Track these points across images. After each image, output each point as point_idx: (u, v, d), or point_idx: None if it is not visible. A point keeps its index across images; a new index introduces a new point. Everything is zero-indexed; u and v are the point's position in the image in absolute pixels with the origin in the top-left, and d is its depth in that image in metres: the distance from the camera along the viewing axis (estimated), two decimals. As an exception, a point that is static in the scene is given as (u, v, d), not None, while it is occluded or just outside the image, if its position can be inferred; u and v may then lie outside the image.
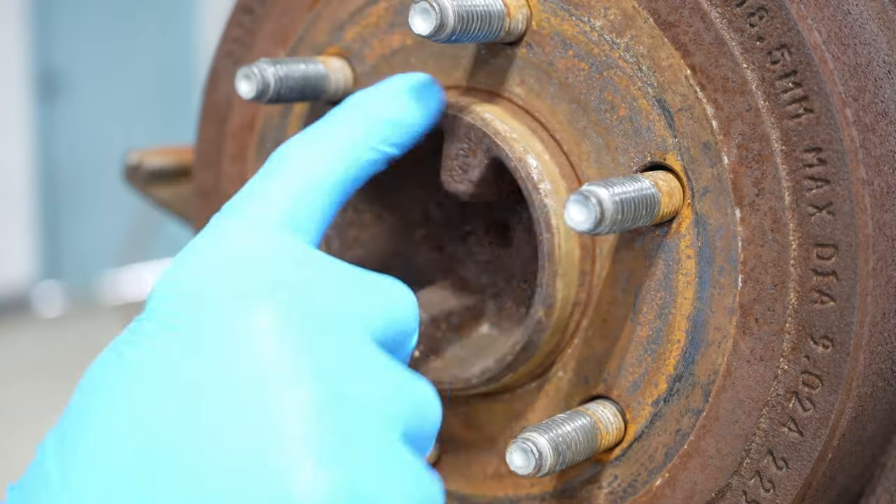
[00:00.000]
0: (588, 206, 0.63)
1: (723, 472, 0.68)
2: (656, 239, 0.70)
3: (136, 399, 0.59)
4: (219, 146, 0.85)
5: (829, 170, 0.65)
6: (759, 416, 0.67)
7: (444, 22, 0.67)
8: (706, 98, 0.67)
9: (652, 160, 0.69)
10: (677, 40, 0.68)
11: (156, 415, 0.59)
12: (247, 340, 0.59)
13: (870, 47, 0.69)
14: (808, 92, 0.65)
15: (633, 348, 0.71)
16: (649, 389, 0.70)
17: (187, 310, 0.61)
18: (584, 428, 0.69)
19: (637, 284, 0.70)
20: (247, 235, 0.64)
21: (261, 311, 0.60)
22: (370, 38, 0.78)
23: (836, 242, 0.65)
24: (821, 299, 0.65)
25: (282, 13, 0.81)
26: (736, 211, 0.67)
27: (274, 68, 0.74)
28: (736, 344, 0.68)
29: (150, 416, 0.59)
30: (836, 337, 0.65)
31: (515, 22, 0.71)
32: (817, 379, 0.66)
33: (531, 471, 0.67)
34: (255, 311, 0.60)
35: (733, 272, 0.67)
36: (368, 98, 0.71)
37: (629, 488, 0.71)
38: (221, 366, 0.59)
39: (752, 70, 0.66)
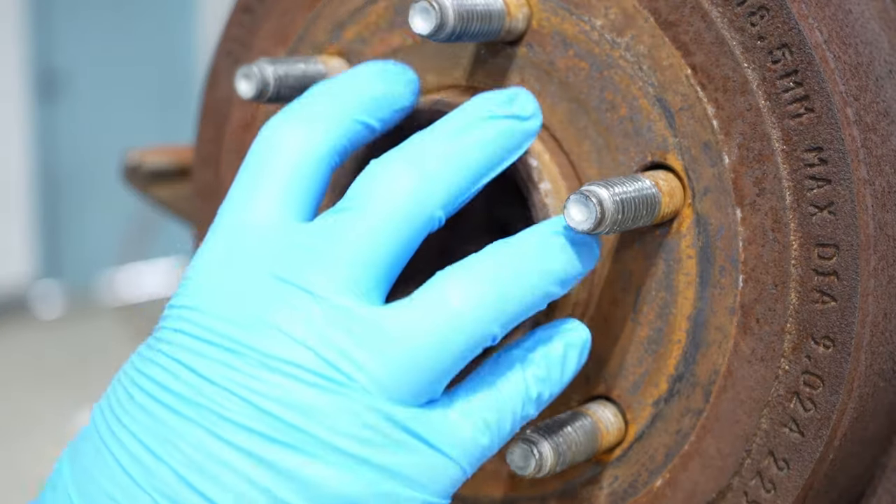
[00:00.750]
0: (588, 206, 0.63)
1: (723, 472, 0.68)
2: (657, 239, 0.69)
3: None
4: (219, 146, 0.85)
5: (830, 169, 0.65)
6: (759, 417, 0.67)
7: (444, 21, 0.67)
8: (707, 97, 0.67)
9: (652, 160, 0.69)
10: (678, 40, 0.68)
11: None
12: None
13: (871, 47, 0.69)
14: (809, 91, 0.65)
15: (634, 348, 0.71)
16: (650, 389, 0.70)
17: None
18: (584, 428, 0.69)
19: (637, 284, 0.70)
20: (253, 233, 0.67)
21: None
22: (370, 37, 0.77)
23: (838, 242, 0.65)
24: (822, 299, 0.65)
25: (282, 12, 0.81)
26: (737, 211, 0.67)
27: (273, 68, 0.74)
28: (737, 344, 0.67)
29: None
30: (837, 337, 0.65)
31: (516, 21, 0.71)
32: (818, 379, 0.66)
33: (531, 471, 0.67)
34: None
35: (734, 272, 0.67)
36: (349, 76, 0.72)
37: (629, 489, 0.71)
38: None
39: (752, 69, 0.66)
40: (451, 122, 0.68)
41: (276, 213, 0.68)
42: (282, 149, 0.69)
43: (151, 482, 0.63)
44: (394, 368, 0.63)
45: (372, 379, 0.63)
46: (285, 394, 0.62)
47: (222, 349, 0.64)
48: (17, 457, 3.90)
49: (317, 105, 0.71)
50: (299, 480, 0.62)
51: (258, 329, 0.64)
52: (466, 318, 0.64)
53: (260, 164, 0.69)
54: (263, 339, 0.63)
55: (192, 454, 0.62)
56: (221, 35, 0.84)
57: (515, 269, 0.65)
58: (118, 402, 0.65)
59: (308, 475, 0.62)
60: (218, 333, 0.64)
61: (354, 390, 0.62)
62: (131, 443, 0.64)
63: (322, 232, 0.66)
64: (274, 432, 0.62)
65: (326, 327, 0.63)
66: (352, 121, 0.70)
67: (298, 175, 0.69)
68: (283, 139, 0.69)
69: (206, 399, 0.63)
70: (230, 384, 0.63)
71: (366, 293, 0.65)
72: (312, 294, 0.64)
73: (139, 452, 0.63)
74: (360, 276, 0.65)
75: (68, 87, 6.43)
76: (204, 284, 0.66)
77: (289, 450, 0.62)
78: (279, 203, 0.68)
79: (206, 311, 0.65)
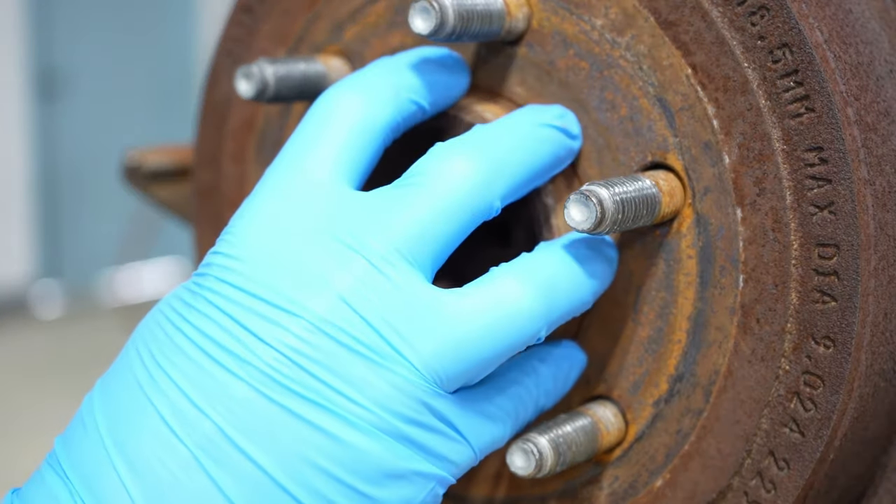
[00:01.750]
0: (588, 206, 0.63)
1: (724, 472, 0.68)
2: (657, 239, 0.69)
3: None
4: (218, 146, 0.85)
5: (830, 169, 0.65)
6: (760, 417, 0.67)
7: (444, 21, 0.67)
8: (707, 97, 0.67)
9: (653, 160, 0.69)
10: (678, 39, 0.68)
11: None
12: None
13: (871, 46, 0.68)
14: (810, 91, 0.65)
15: (634, 348, 0.70)
16: (650, 390, 0.70)
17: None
18: (584, 428, 0.69)
19: (638, 284, 0.70)
20: (306, 191, 0.67)
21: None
22: (370, 37, 0.77)
23: (838, 242, 0.65)
24: (822, 299, 0.65)
25: (282, 12, 0.81)
26: (737, 211, 0.67)
27: (273, 67, 0.74)
28: (737, 344, 0.67)
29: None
30: (837, 337, 0.65)
31: (516, 21, 0.71)
32: (819, 379, 0.66)
33: (531, 471, 0.67)
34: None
35: (734, 272, 0.67)
36: (412, 55, 0.72)
37: (630, 489, 0.71)
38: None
39: (753, 69, 0.66)
40: (516, 119, 0.69)
41: (331, 176, 0.67)
42: (340, 114, 0.69)
43: (193, 436, 0.62)
44: (443, 352, 0.64)
45: (420, 359, 0.63)
46: (336, 362, 0.63)
47: (274, 307, 0.64)
48: (16, 456, 3.90)
49: (378, 78, 0.71)
50: (342, 447, 0.62)
51: (313, 290, 0.64)
52: (521, 315, 0.65)
53: (318, 126, 0.69)
54: (318, 301, 0.63)
55: (239, 412, 0.62)
56: (221, 35, 0.84)
57: (569, 272, 0.67)
58: (158, 345, 0.65)
59: (350, 443, 0.63)
60: (270, 289, 0.64)
61: (402, 366, 0.63)
62: (173, 392, 0.63)
63: (384, 201, 0.66)
64: (321, 399, 0.62)
65: (384, 299, 0.63)
66: (409, 100, 0.71)
67: (355, 142, 0.69)
68: (343, 106, 0.69)
69: (256, 358, 0.63)
70: (281, 346, 0.63)
71: (421, 268, 0.65)
72: (371, 262, 0.64)
73: (181, 403, 0.63)
74: (419, 250, 0.65)
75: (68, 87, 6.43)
76: (253, 237, 0.66)
77: (334, 417, 0.62)
78: (335, 167, 0.68)
79: (256, 264, 0.65)
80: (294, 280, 0.64)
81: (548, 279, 0.66)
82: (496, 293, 0.65)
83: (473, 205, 0.66)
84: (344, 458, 0.63)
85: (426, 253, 0.65)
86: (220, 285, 0.65)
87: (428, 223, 0.65)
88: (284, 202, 0.67)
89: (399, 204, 0.66)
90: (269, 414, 0.62)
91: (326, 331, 0.63)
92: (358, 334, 0.63)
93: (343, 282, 0.64)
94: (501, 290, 0.65)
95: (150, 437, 0.63)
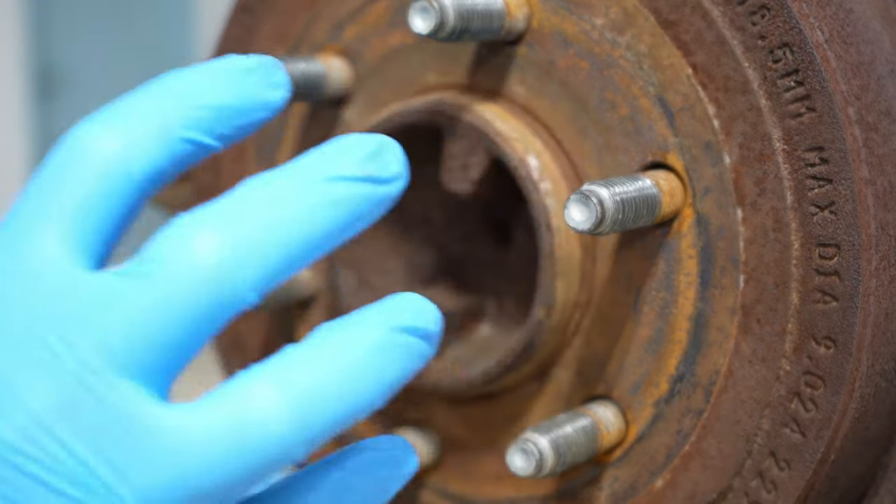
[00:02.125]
0: (588, 206, 0.63)
1: (724, 473, 0.68)
2: (657, 239, 0.69)
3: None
4: (218, 145, 0.85)
5: (831, 169, 0.64)
6: (760, 417, 0.67)
7: (444, 20, 0.67)
8: (707, 97, 0.67)
9: (653, 160, 0.69)
10: (678, 39, 0.68)
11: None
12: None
13: (872, 46, 0.68)
14: (811, 91, 0.65)
15: (634, 349, 0.70)
16: (650, 390, 0.70)
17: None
18: (584, 429, 0.69)
19: (638, 284, 0.70)
20: (27, 272, 0.53)
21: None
22: (370, 36, 0.77)
23: (839, 242, 0.64)
24: (823, 299, 0.65)
25: (281, 12, 0.81)
26: (738, 211, 0.67)
27: (273, 67, 0.74)
28: (738, 344, 0.67)
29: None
30: (838, 337, 0.65)
31: (516, 20, 0.71)
32: (819, 380, 0.65)
33: (531, 472, 0.67)
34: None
35: (735, 272, 0.67)
36: (188, 77, 0.57)
37: (630, 489, 0.71)
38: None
39: (753, 69, 0.66)
40: (286, 179, 0.54)
41: (60, 250, 0.53)
42: (85, 162, 0.54)
43: None
44: (165, 485, 0.50)
45: (136, 494, 0.50)
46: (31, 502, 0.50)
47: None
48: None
49: (141, 109, 0.56)
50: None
51: (3, 411, 0.51)
52: (267, 437, 0.51)
53: (55, 177, 0.55)
54: (6, 425, 0.50)
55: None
56: (221, 35, 0.84)
57: (348, 378, 0.52)
58: None
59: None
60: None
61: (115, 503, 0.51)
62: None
63: (106, 290, 0.52)
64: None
65: (90, 420, 0.50)
66: (181, 139, 0.55)
67: (98, 201, 0.54)
68: (90, 150, 0.55)
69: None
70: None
71: (144, 378, 0.51)
72: (76, 371, 0.51)
73: None
74: (141, 356, 0.51)
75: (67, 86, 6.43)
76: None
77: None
78: (68, 237, 0.54)
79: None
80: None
81: (309, 384, 0.51)
82: (236, 408, 0.51)
83: (212, 298, 0.52)
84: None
85: (150, 359, 0.52)
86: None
87: (152, 324, 0.51)
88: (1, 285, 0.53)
89: (121, 296, 0.52)
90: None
91: (16, 463, 0.51)
92: (57, 467, 0.51)
93: (41, 399, 0.50)
94: (242, 407, 0.51)
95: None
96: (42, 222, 0.54)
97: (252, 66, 0.57)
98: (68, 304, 0.52)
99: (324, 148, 0.55)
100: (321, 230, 0.54)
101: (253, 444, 0.51)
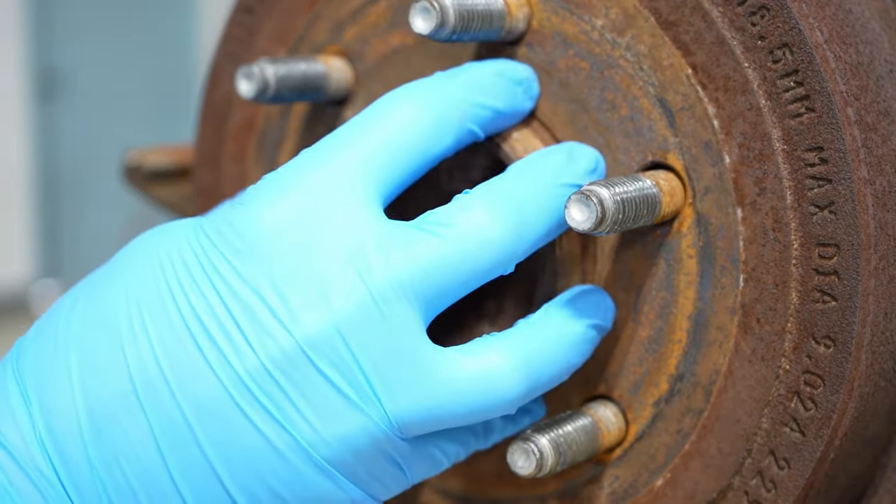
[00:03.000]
0: (589, 206, 0.63)
1: (724, 472, 0.68)
2: (657, 239, 0.69)
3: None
4: (219, 146, 0.85)
5: (830, 169, 0.65)
6: (760, 416, 0.67)
7: (445, 21, 0.67)
8: (707, 97, 0.67)
9: (653, 159, 0.69)
10: (678, 39, 0.68)
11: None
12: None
13: (871, 46, 0.68)
14: (810, 91, 0.65)
15: (635, 348, 0.70)
16: (650, 389, 0.70)
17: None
18: (585, 428, 0.69)
19: (638, 284, 0.70)
20: (333, 197, 0.65)
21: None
22: (370, 37, 0.77)
23: (838, 242, 0.65)
24: (822, 299, 0.65)
25: (282, 13, 0.81)
26: (737, 210, 0.67)
27: (274, 67, 0.74)
28: (737, 344, 0.67)
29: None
30: (837, 337, 0.65)
31: (516, 21, 0.71)
32: (819, 379, 0.66)
33: (532, 471, 0.67)
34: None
35: (735, 272, 0.67)
36: (489, 71, 0.70)
37: (630, 489, 0.71)
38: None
39: (753, 69, 0.66)
40: (542, 172, 0.68)
41: (363, 188, 0.65)
42: (402, 126, 0.67)
43: (156, 413, 0.63)
44: (418, 410, 0.64)
45: (396, 410, 0.64)
46: (312, 390, 0.63)
47: (269, 311, 0.63)
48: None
49: (453, 95, 0.68)
50: (293, 473, 0.63)
51: (312, 306, 0.63)
52: (503, 396, 0.65)
53: (375, 128, 0.66)
54: (313, 320, 0.63)
55: (206, 406, 0.63)
56: (221, 35, 0.84)
57: (558, 352, 0.67)
58: (147, 298, 0.64)
59: (302, 472, 0.64)
60: (272, 288, 0.63)
61: (376, 412, 0.63)
62: (148, 357, 0.63)
63: (402, 237, 0.64)
64: (287, 423, 0.63)
65: (377, 339, 0.63)
66: (469, 131, 0.69)
67: (402, 162, 0.67)
68: (407, 117, 0.67)
69: (237, 361, 0.63)
70: (265, 357, 0.63)
71: (423, 312, 0.64)
72: (374, 296, 0.63)
73: (152, 372, 0.63)
74: (424, 294, 0.64)
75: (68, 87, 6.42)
76: (270, 226, 0.64)
77: (293, 444, 0.63)
78: (371, 180, 0.66)
79: (266, 257, 0.63)
80: (297, 287, 0.63)
81: (535, 359, 0.66)
82: (484, 368, 0.65)
83: (489, 263, 0.65)
84: (293, 483, 0.63)
85: (431, 298, 0.64)
86: (223, 265, 0.64)
87: (440, 272, 0.64)
88: (310, 200, 0.65)
89: (416, 246, 0.64)
90: (233, 420, 0.62)
91: (312, 357, 0.63)
92: (342, 368, 0.63)
93: (342, 308, 0.63)
94: (489, 366, 0.65)
95: (115, 393, 0.63)
96: (351, 161, 0.65)
97: (521, 78, 0.71)
98: (367, 235, 0.64)
99: (556, 154, 0.69)
100: (560, 218, 0.67)
101: (488, 396, 0.64)
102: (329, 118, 0.79)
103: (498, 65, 0.71)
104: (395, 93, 0.68)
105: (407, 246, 0.64)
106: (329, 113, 0.80)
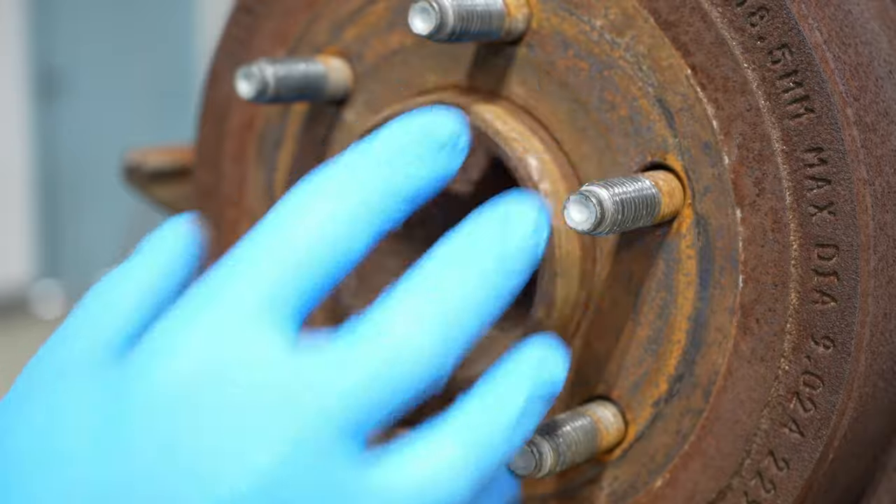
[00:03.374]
0: (588, 207, 0.63)
1: (724, 472, 0.68)
2: (657, 239, 0.69)
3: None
4: (218, 146, 0.85)
5: (830, 170, 0.65)
6: (759, 417, 0.67)
7: (444, 21, 0.67)
8: (707, 98, 0.67)
9: (652, 160, 0.69)
10: (678, 40, 0.68)
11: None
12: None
13: (871, 47, 0.69)
14: (809, 91, 0.65)
15: (634, 348, 0.71)
16: (650, 390, 0.70)
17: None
18: (584, 428, 0.69)
19: (637, 284, 0.70)
20: (219, 332, 0.57)
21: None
22: (370, 37, 0.77)
23: (837, 242, 0.65)
24: (822, 299, 0.65)
25: (282, 13, 0.81)
26: (737, 211, 0.67)
27: (274, 68, 0.74)
28: (737, 344, 0.67)
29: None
30: (837, 337, 0.65)
31: (515, 21, 0.71)
32: (818, 379, 0.66)
33: (531, 472, 0.67)
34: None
35: (734, 272, 0.67)
36: (387, 149, 0.61)
37: (630, 489, 0.71)
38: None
39: (752, 70, 0.66)
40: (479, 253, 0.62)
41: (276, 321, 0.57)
42: (298, 236, 0.58)
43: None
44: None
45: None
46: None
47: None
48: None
49: (346, 191, 0.60)
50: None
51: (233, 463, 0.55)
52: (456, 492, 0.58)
53: (265, 246, 0.58)
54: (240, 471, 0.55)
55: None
56: (221, 35, 0.84)
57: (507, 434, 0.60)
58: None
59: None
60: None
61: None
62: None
63: (326, 357, 0.57)
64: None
65: (309, 479, 0.56)
66: (383, 220, 0.61)
67: (310, 275, 0.58)
68: (310, 210, 0.59)
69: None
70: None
71: (354, 443, 0.57)
72: (300, 432, 0.56)
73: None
74: (358, 424, 0.57)
75: (68, 87, 6.43)
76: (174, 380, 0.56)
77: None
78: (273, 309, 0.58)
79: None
80: (202, 455, 0.55)
81: (484, 443, 0.59)
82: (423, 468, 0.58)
83: (414, 376, 0.58)
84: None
85: (360, 423, 0.57)
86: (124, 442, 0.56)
87: (371, 390, 0.57)
88: (211, 350, 0.57)
89: (340, 366, 0.57)
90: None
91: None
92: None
93: (268, 455, 0.55)
94: (431, 462, 0.58)
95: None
96: (243, 292, 0.57)
97: (444, 141, 0.61)
98: (290, 377, 0.56)
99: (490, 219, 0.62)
100: (505, 298, 0.61)
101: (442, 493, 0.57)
102: (328, 118, 0.80)
103: (418, 124, 0.61)
104: (303, 192, 0.59)
105: (329, 373, 0.57)
106: (329, 113, 0.80)
